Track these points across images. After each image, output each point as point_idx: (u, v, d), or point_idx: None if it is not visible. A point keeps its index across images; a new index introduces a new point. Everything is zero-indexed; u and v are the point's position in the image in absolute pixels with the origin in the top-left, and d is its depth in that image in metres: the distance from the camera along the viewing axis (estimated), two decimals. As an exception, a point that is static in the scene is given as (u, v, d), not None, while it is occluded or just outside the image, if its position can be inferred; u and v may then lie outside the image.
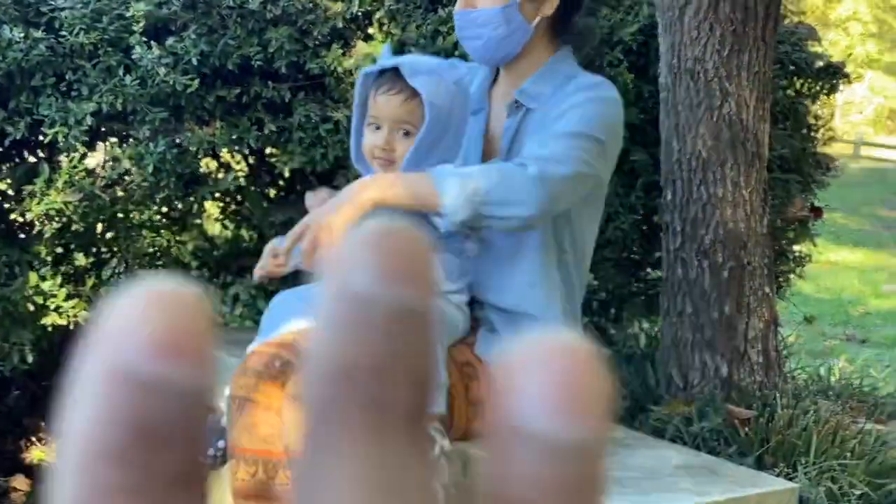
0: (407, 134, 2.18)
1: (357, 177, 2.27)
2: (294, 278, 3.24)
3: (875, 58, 30.55)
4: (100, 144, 2.99)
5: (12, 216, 2.80)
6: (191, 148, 2.79)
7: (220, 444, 2.21)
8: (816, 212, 3.65)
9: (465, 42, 2.37)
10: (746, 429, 2.77)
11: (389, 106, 2.16)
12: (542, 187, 2.13)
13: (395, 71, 2.15)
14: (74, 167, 2.71)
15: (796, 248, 3.77)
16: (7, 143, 2.72)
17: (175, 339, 0.24)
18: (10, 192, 2.82)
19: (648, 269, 3.76)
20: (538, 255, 2.36)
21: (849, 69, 3.77)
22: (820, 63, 3.65)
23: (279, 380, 2.11)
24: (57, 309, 2.82)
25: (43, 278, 2.82)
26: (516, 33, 2.32)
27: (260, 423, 2.12)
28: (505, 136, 2.38)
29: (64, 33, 2.73)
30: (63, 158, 2.75)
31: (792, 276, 3.80)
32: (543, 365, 0.24)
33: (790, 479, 2.50)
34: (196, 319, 0.24)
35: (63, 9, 2.74)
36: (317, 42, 2.97)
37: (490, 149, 2.41)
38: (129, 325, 0.24)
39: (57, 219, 2.73)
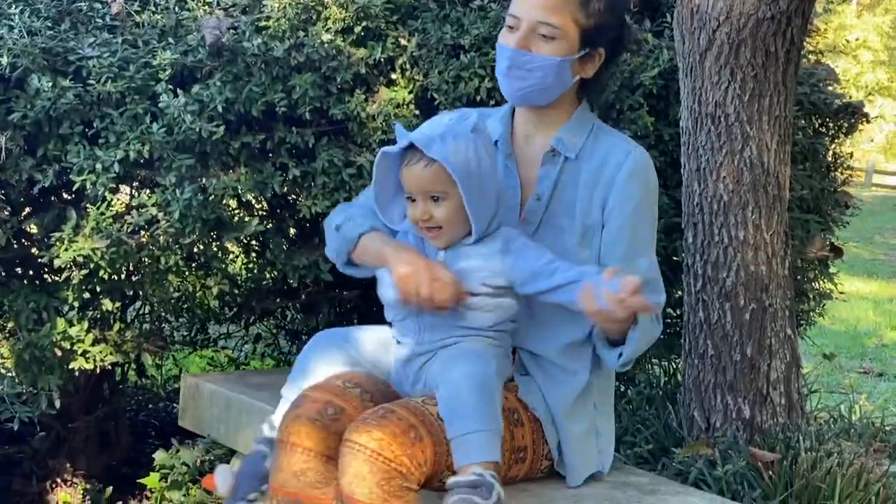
0: (436, 199, 2.23)
1: None
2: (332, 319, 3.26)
3: (885, 85, 30.57)
4: (126, 190, 3.02)
5: (40, 261, 2.82)
6: (216, 193, 2.82)
7: (264, 487, 2.24)
8: (837, 251, 3.66)
9: (508, 80, 2.37)
10: (770, 472, 2.77)
11: (413, 177, 2.23)
12: None
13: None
14: (102, 213, 2.74)
15: (816, 286, 3.77)
16: (36, 190, 2.75)
17: None
18: (39, 237, 2.84)
19: (668, 309, 3.76)
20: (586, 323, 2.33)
21: (859, 97, 3.79)
22: (838, 103, 3.67)
23: (331, 428, 2.16)
24: (84, 354, 2.84)
25: (70, 323, 2.84)
26: (559, 86, 2.37)
27: (295, 463, 2.16)
28: (542, 184, 2.40)
29: (91, 82, 2.76)
30: (90, 205, 2.78)
31: (812, 314, 3.81)
32: None
33: (816, 525, 2.51)
34: None
35: (90, 58, 2.78)
36: (340, 88, 3.00)
37: (525, 195, 2.42)
38: None
39: (84, 265, 2.75)
